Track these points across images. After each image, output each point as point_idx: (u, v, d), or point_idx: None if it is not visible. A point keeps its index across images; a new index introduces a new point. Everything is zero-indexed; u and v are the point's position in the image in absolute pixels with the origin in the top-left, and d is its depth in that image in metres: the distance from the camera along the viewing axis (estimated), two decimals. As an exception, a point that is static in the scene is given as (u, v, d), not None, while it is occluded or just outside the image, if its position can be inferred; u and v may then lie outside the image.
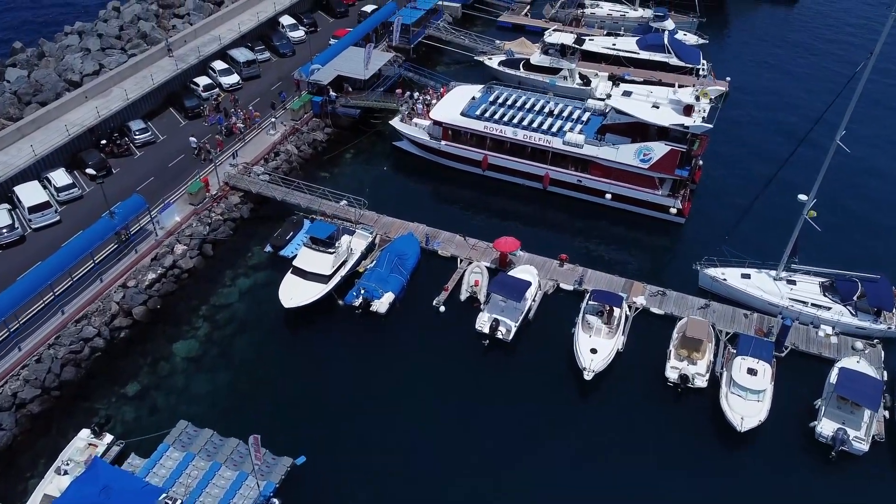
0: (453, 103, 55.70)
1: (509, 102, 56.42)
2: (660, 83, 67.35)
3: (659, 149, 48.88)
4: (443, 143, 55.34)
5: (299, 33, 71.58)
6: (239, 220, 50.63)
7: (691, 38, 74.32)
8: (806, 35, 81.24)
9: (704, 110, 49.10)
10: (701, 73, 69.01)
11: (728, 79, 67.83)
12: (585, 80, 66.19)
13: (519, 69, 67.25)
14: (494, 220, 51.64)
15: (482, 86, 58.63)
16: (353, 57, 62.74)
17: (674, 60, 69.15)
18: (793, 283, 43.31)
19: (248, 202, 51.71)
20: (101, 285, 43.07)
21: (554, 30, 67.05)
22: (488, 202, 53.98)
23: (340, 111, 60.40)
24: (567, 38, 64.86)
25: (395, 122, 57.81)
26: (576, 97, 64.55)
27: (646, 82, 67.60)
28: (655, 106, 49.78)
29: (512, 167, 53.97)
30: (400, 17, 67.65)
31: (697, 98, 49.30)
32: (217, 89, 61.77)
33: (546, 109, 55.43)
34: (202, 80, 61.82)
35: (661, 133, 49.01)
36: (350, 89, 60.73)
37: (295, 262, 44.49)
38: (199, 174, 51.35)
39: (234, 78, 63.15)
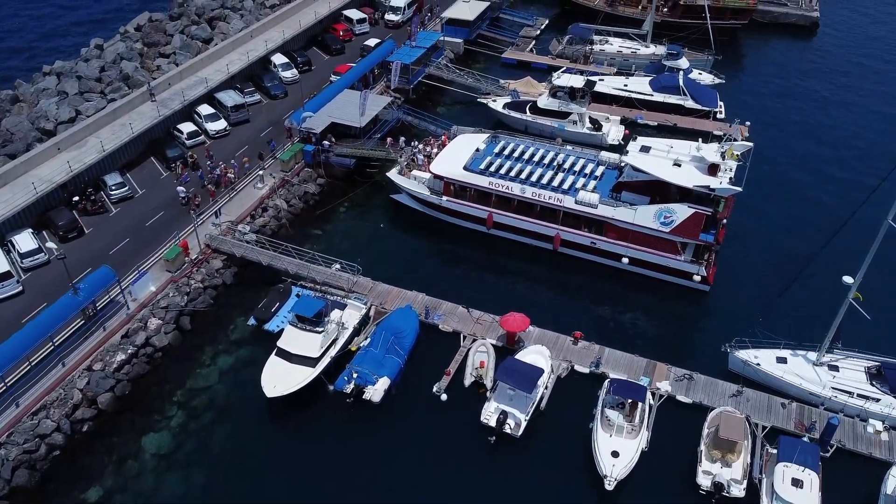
0: (455, 155, 51.49)
1: (516, 154, 52.20)
2: (675, 127, 63.83)
3: (681, 211, 44.55)
4: (444, 198, 51.07)
5: (292, 73, 67.54)
6: (221, 287, 46.21)
7: (706, 78, 70.27)
8: (828, 69, 77.20)
9: (731, 169, 44.81)
10: (718, 115, 65.08)
11: (747, 123, 63.50)
12: (596, 125, 62.05)
13: (525, 112, 63.11)
14: (501, 287, 47.26)
15: (486, 134, 54.44)
16: (349, 101, 58.59)
17: (689, 103, 65.21)
18: (835, 368, 38.79)
19: (232, 266, 47.36)
20: (62, 370, 38.58)
21: (563, 71, 63.00)
22: (494, 264, 49.62)
23: (334, 161, 56.22)
24: (577, 81, 60.73)
25: (393, 175, 53.57)
26: (586, 142, 60.78)
27: (660, 127, 64.21)
28: (677, 164, 45.51)
29: (520, 226, 49.66)
30: (399, 60, 63.60)
31: (723, 156, 45.01)
32: (202, 136, 57.72)
33: (556, 162, 51.17)
34: (186, 127, 57.69)
35: (684, 194, 44.73)
36: (333, 140, 56.35)
37: (279, 343, 40.00)
38: (179, 236, 47.01)
39: (220, 124, 59.01)
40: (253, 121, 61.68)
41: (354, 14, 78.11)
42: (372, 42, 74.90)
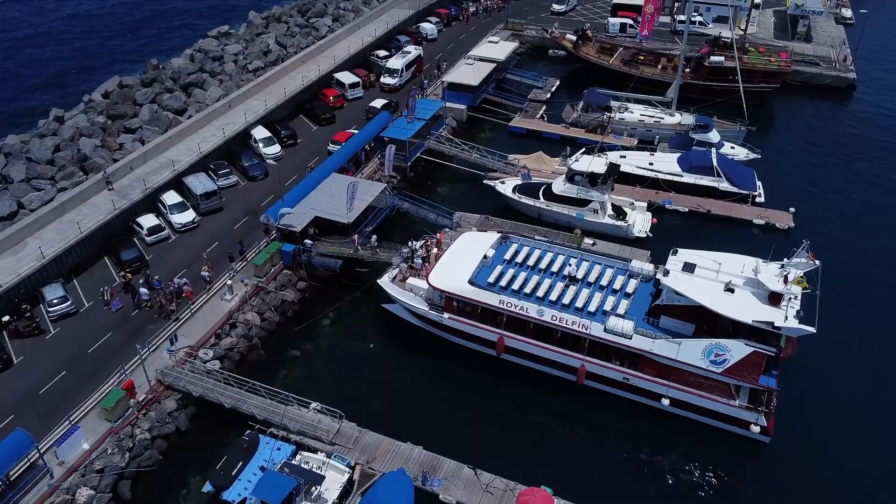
0: (459, 264, 43.40)
1: (531, 262, 44.10)
2: (708, 214, 56.01)
3: (737, 349, 36.32)
4: (446, 316, 42.91)
5: (275, 149, 59.90)
6: (173, 436, 37.84)
7: (740, 152, 62.55)
8: (869, 138, 69.40)
9: (796, 297, 36.65)
10: (757, 198, 57.16)
11: (791, 210, 55.71)
12: (620, 213, 54.17)
13: (538, 198, 55.24)
14: (514, 434, 38.75)
15: (494, 236, 46.34)
16: (335, 190, 50.73)
17: (724, 185, 57.45)
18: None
19: (189, 406, 39.06)
20: (-44, 576, 30.20)
21: (582, 153, 55.23)
22: (506, 401, 41.07)
23: (317, 263, 48.29)
24: (598, 166, 52.88)
25: (385, 283, 45.51)
26: (609, 233, 52.97)
27: (691, 213, 56.39)
28: (729, 289, 37.38)
29: (537, 354, 41.42)
30: (392, 147, 55.89)
31: (786, 279, 36.86)
32: (166, 230, 49.87)
33: (579, 274, 43.03)
34: (147, 221, 49.86)
35: (738, 326, 36.57)
36: (317, 232, 48.52)
37: (238, 540, 31.56)
38: (125, 371, 38.81)
39: (187, 215, 51.17)
40: (228, 208, 53.90)
41: (346, 77, 70.76)
42: (378, 103, 67.69)
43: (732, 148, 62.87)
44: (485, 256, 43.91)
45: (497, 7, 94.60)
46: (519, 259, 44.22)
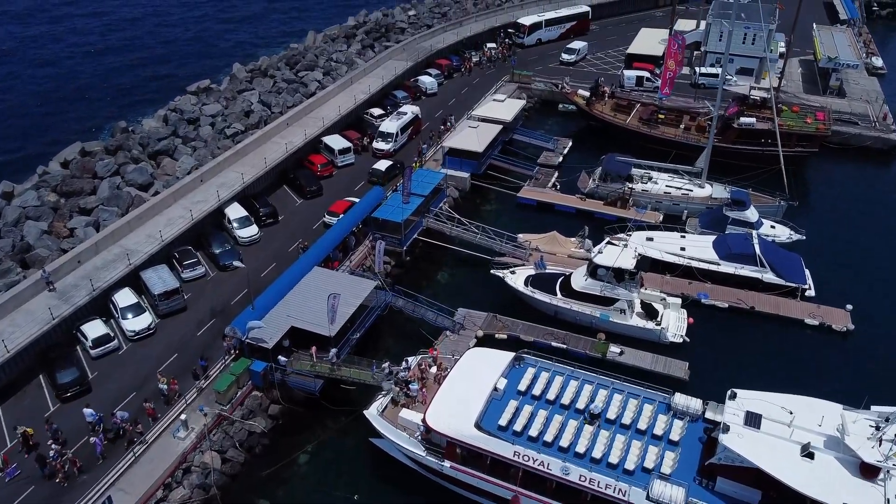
0: (463, 397, 35.37)
1: (550, 395, 36.03)
2: (752, 312, 48.19)
3: (822, 536, 28.31)
4: (447, 464, 34.86)
5: (251, 231, 52.30)
6: None
7: (781, 233, 54.91)
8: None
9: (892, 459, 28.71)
10: (807, 291, 49.39)
11: (849, 308, 47.95)
12: (650, 312, 46.42)
13: (555, 292, 47.51)
14: None
15: (506, 358, 38.10)
16: (316, 290, 43.04)
17: (769, 276, 49.77)
18: None
19: (123, 592, 30.97)
20: None
21: (607, 243, 47.60)
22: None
23: (293, 383, 40.42)
24: (625, 260, 45.13)
25: (372, 415, 37.47)
26: (638, 337, 45.21)
27: (731, 309, 48.63)
28: (808, 454, 29.42)
29: (560, 517, 33.36)
30: (382, 242, 48.25)
31: (881, 441, 28.92)
32: (115, 340, 42.07)
33: (611, 412, 34.98)
34: (93, 330, 41.98)
35: (822, 502, 28.55)
36: (290, 345, 40.79)
37: None
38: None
39: (142, 319, 43.37)
40: (193, 306, 46.14)
41: (336, 142, 63.38)
42: (382, 165, 60.47)
43: (773, 227, 55.25)
44: (495, 388, 35.87)
45: (501, 57, 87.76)
46: (536, 390, 36.19)
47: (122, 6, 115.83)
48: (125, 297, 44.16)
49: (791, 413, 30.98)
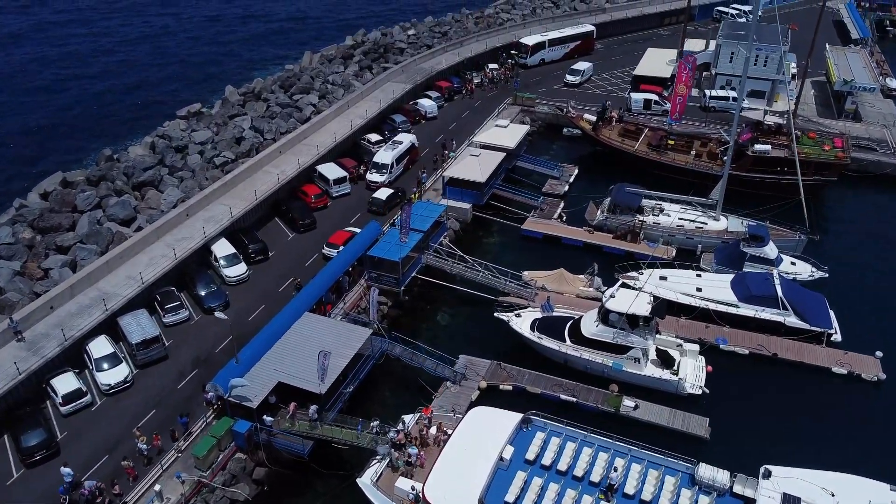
0: (466, 466, 32.11)
1: (562, 465, 32.77)
2: (774, 358, 44.99)
3: None
4: (449, 544, 31.57)
5: (239, 270, 49.10)
6: None
7: (802, 270, 51.73)
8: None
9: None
10: (833, 337, 46.11)
11: (879, 354, 44.67)
12: (666, 360, 43.16)
13: (563, 338, 44.25)
14: None
15: (513, 420, 34.84)
16: (307, 338, 39.87)
17: (792, 320, 46.52)
18: None
19: None
20: None
21: (620, 285, 44.40)
22: None
23: (280, 444, 37.09)
24: (640, 306, 41.89)
25: (366, 484, 34.14)
26: (654, 387, 41.97)
27: (752, 356, 45.40)
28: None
29: None
30: (375, 290, 44.98)
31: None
32: (87, 395, 38.81)
33: (629, 485, 31.69)
34: (64, 383, 38.67)
35: None
36: (275, 401, 37.52)
37: None
38: None
39: (119, 371, 40.01)
40: (174, 355, 42.87)
41: (331, 171, 60.30)
42: (383, 194, 57.55)
43: (793, 264, 52.10)
44: (501, 457, 32.59)
45: (504, 78, 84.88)
46: (546, 460, 32.91)
47: (117, 28, 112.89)
48: (100, 347, 40.87)
49: (833, 495, 27.69)
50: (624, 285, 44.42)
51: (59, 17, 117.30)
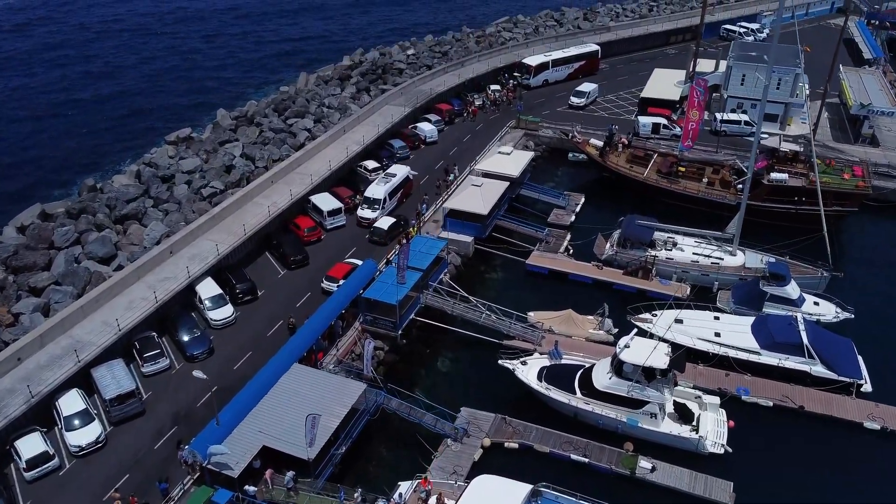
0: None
1: (575, 546, 29.59)
2: (800, 411, 41.71)
3: None
4: None
5: (225, 312, 45.89)
6: None
7: (826, 311, 48.54)
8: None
9: None
10: (863, 388, 42.83)
11: (916, 410, 41.44)
12: (685, 415, 39.83)
13: (573, 390, 40.99)
14: None
15: (522, 491, 31.69)
16: (295, 395, 36.63)
17: (818, 369, 43.26)
18: None
19: None
20: None
21: (634, 334, 41.14)
22: None
23: (266, 516, 33.84)
24: (658, 358, 38.63)
25: (359, 566, 30.97)
26: (672, 446, 38.66)
27: (777, 408, 42.16)
28: None
29: None
30: (370, 342, 41.80)
31: None
32: (55, 458, 35.51)
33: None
34: (28, 446, 35.34)
35: None
36: (258, 465, 34.25)
37: None
38: None
39: (90, 431, 36.69)
40: (152, 410, 39.55)
41: (325, 202, 57.15)
42: (385, 224, 54.82)
43: (816, 304, 48.94)
44: (508, 538, 29.33)
45: (507, 100, 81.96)
46: (557, 541, 29.67)
47: (110, 51, 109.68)
48: (71, 403, 37.57)
49: None
50: (638, 332, 41.13)
51: (52, 39, 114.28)
